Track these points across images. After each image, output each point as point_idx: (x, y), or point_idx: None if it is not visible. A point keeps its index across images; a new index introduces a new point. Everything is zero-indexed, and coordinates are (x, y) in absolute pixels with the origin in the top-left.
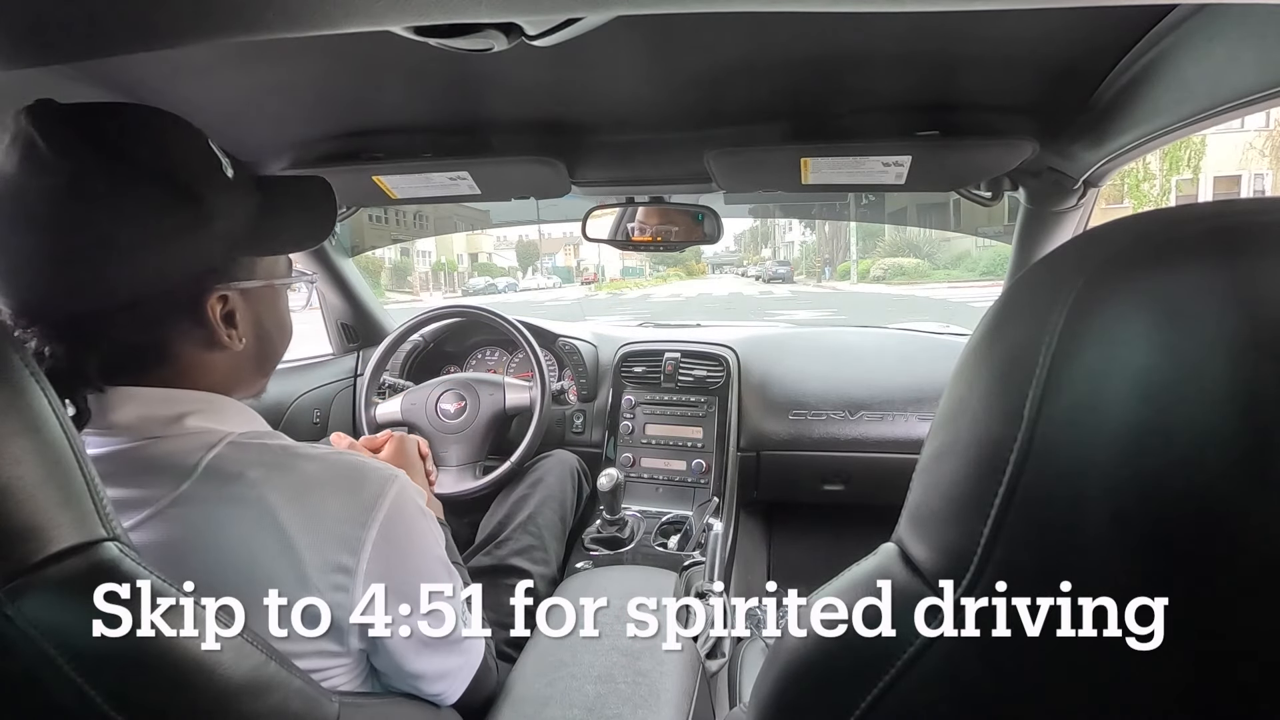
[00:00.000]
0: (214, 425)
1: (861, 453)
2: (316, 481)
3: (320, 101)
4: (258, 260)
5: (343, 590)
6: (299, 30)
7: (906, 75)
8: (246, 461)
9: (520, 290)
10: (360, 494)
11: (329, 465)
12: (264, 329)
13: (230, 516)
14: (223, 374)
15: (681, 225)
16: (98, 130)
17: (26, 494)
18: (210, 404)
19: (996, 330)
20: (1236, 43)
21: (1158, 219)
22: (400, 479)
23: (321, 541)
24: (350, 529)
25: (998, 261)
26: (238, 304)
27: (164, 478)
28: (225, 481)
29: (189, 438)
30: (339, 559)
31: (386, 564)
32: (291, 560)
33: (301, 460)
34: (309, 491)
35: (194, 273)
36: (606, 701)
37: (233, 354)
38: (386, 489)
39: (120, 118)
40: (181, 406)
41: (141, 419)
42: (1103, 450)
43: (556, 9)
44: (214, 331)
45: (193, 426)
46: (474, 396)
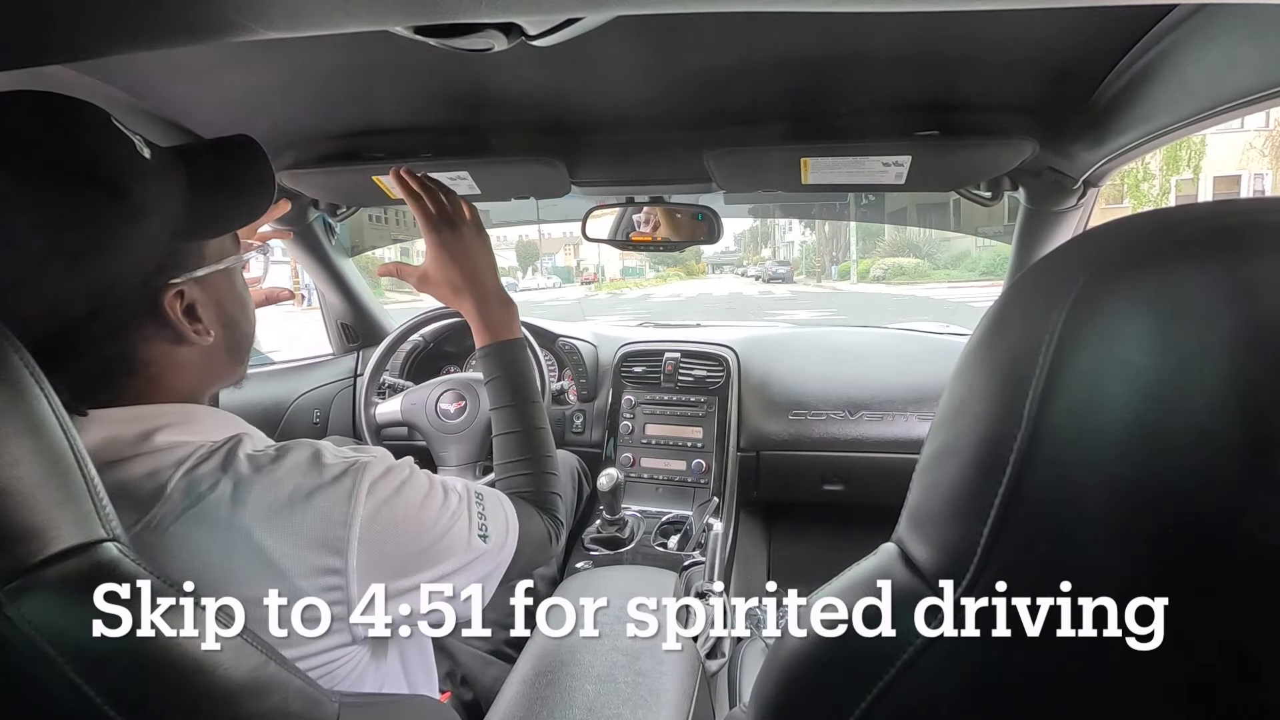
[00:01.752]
0: (186, 438)
1: (861, 453)
2: (288, 489)
3: (320, 101)
4: (204, 244)
5: (338, 589)
6: (299, 30)
7: (906, 75)
8: (217, 478)
9: (520, 290)
10: (334, 493)
11: (297, 470)
12: (228, 315)
13: (205, 540)
14: (197, 372)
15: (681, 225)
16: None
17: (26, 494)
18: (182, 415)
19: (996, 330)
20: (1236, 43)
21: (1157, 219)
22: (370, 466)
23: (303, 552)
24: (332, 530)
25: (998, 261)
26: (196, 295)
27: (132, 503)
28: (195, 502)
29: (158, 455)
30: (326, 563)
31: (379, 556)
32: (275, 576)
33: (271, 469)
34: (282, 502)
35: (141, 272)
36: (606, 701)
37: (203, 349)
38: (360, 481)
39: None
40: (150, 423)
41: (107, 441)
42: (1103, 450)
43: (556, 9)
44: (179, 329)
45: (162, 442)
46: (474, 396)
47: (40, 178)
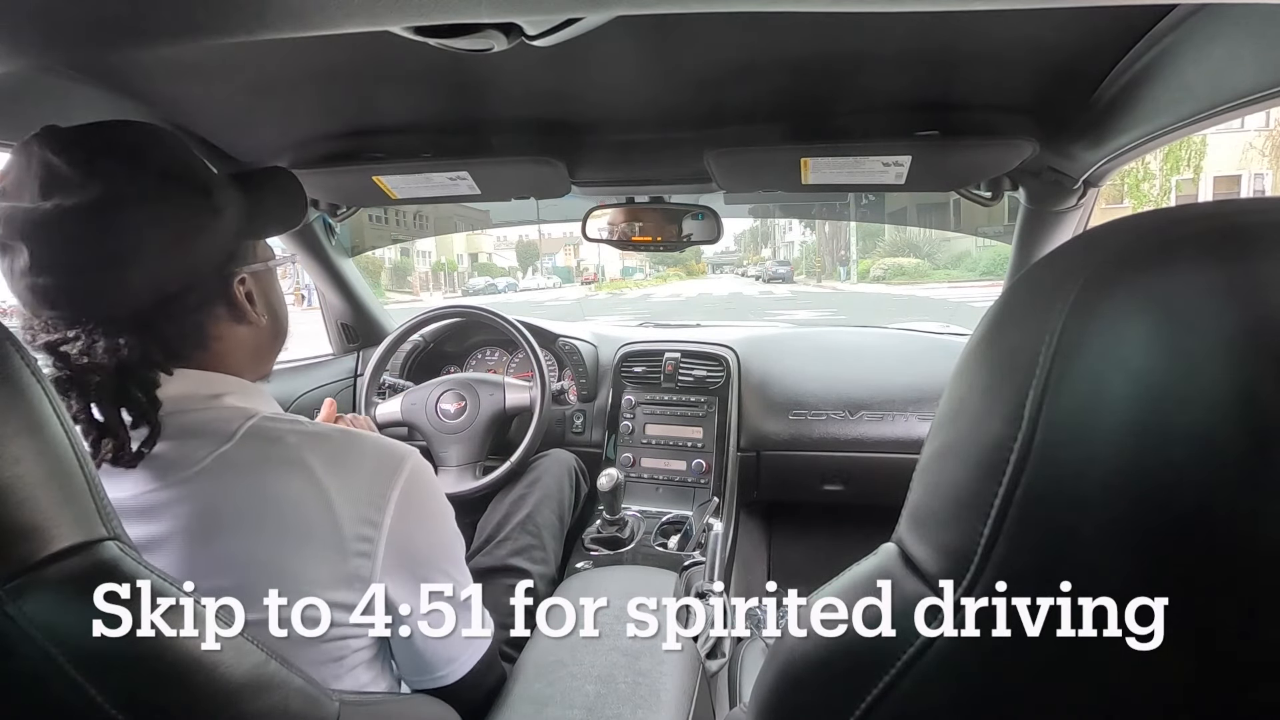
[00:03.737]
0: (248, 405)
1: (861, 453)
2: (347, 449)
3: (320, 101)
4: (256, 244)
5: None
6: (299, 30)
7: (906, 75)
8: (283, 430)
9: (520, 290)
10: (385, 460)
11: (355, 437)
12: (273, 307)
13: (273, 472)
14: (250, 350)
15: (682, 225)
16: (115, 145)
17: (27, 493)
18: (244, 389)
19: (996, 330)
20: (1236, 43)
21: (1157, 219)
22: (416, 454)
23: (354, 498)
24: (378, 488)
25: (998, 261)
26: (252, 285)
27: (207, 440)
28: (265, 444)
29: (227, 410)
30: (368, 514)
31: (405, 525)
32: (328, 513)
33: (332, 432)
34: (343, 456)
35: (219, 259)
36: (606, 701)
37: (257, 330)
38: (407, 458)
39: (128, 132)
40: (220, 387)
41: (185, 394)
42: (1103, 450)
43: (556, 9)
44: (243, 311)
45: (230, 403)
46: (474, 396)
47: (156, 182)
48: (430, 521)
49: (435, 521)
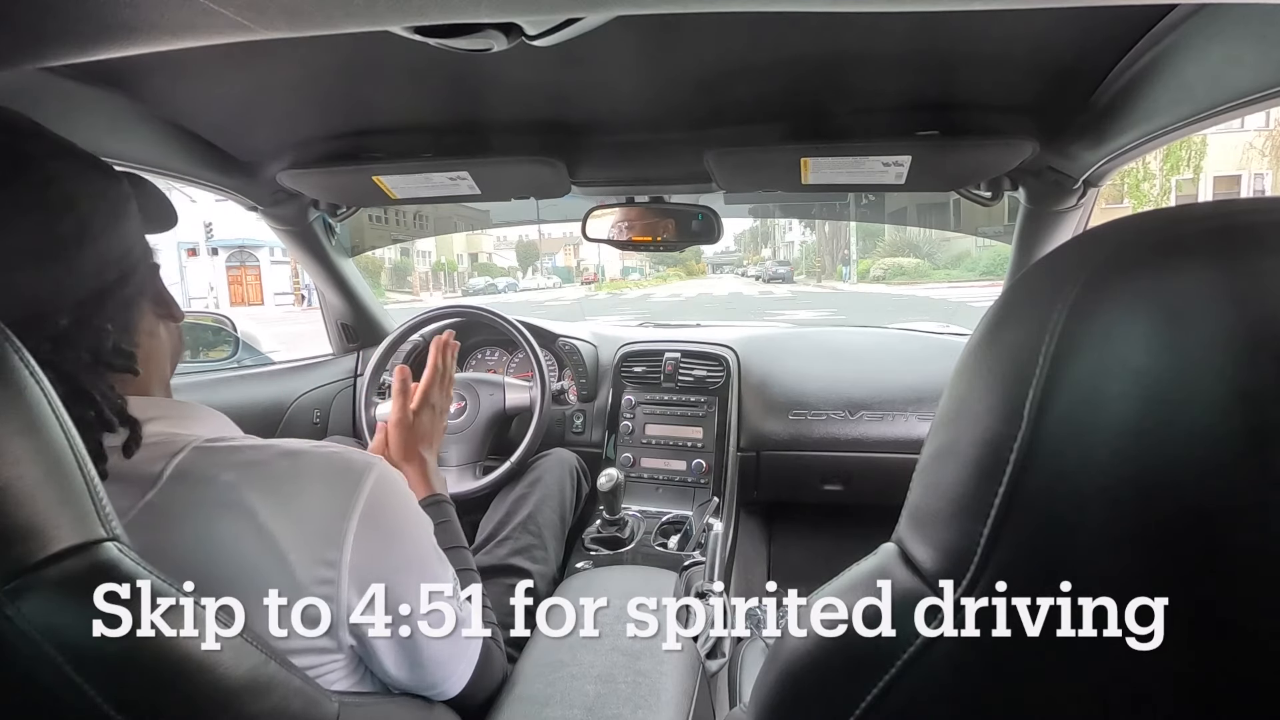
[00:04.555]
0: (176, 430)
1: (861, 453)
2: (293, 476)
3: (320, 101)
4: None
5: (329, 584)
6: (299, 30)
7: (906, 75)
8: (217, 465)
9: (520, 290)
10: (339, 484)
11: (303, 460)
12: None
13: (208, 521)
14: (169, 353)
15: (682, 225)
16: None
17: (26, 494)
18: (171, 410)
19: (996, 330)
20: (1236, 43)
21: (1158, 219)
22: (378, 466)
23: (305, 539)
24: (332, 522)
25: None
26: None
27: (129, 485)
28: (196, 486)
29: (148, 447)
30: (323, 553)
31: (370, 556)
32: (279, 562)
33: (276, 458)
34: (287, 488)
35: (141, 246)
36: (606, 701)
37: (170, 331)
38: (366, 474)
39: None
40: (141, 412)
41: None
42: (1103, 450)
43: (556, 9)
44: (169, 303)
45: (152, 433)
46: (474, 396)
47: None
48: (397, 541)
49: (403, 539)
